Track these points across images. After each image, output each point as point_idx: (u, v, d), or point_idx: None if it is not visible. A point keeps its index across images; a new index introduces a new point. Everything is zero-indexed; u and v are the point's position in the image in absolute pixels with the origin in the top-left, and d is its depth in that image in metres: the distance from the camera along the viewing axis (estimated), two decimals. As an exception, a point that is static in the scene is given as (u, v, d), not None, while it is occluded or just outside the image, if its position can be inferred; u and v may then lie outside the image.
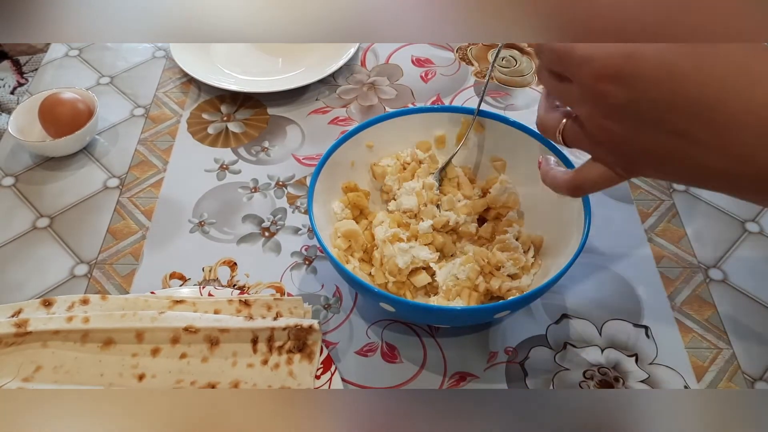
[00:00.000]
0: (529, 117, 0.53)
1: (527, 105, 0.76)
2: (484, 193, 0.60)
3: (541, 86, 0.45)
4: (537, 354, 0.54)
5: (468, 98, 0.76)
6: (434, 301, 0.53)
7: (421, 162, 0.60)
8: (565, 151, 0.54)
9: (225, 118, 0.75)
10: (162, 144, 0.72)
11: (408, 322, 0.56)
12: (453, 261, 0.54)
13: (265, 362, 0.50)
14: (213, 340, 0.51)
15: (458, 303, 0.51)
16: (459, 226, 0.57)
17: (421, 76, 0.79)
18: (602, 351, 0.54)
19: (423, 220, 0.55)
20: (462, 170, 0.60)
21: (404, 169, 0.60)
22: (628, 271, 0.60)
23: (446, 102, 0.76)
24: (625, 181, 0.43)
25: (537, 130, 0.45)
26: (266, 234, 0.62)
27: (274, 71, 0.80)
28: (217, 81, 0.77)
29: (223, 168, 0.69)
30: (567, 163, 0.54)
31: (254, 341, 0.51)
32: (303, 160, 0.69)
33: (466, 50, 0.81)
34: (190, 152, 0.71)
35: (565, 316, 0.56)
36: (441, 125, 0.60)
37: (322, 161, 0.55)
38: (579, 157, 0.71)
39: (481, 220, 0.59)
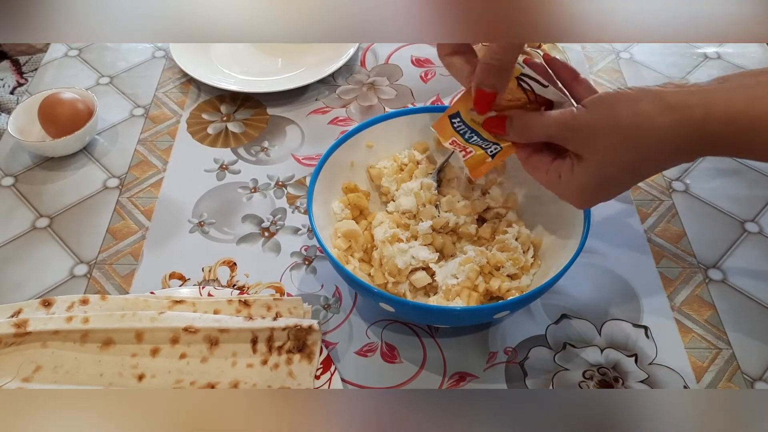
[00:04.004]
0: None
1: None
2: (483, 193, 0.60)
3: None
4: (536, 354, 0.54)
5: (468, 98, 0.76)
6: (434, 301, 0.53)
7: (418, 163, 0.60)
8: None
9: (225, 118, 0.75)
10: (162, 144, 0.72)
11: (408, 323, 0.56)
12: (452, 261, 0.54)
13: (264, 362, 0.50)
14: (212, 340, 0.51)
15: (458, 303, 0.51)
16: (458, 227, 0.57)
17: (421, 77, 0.79)
18: (602, 351, 0.54)
19: (422, 221, 0.55)
20: (461, 171, 0.60)
21: (402, 170, 0.60)
22: (627, 271, 0.60)
23: (446, 102, 0.76)
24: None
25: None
26: (266, 234, 0.62)
27: (273, 71, 0.80)
28: (217, 81, 0.77)
29: (223, 168, 0.69)
30: None
31: (254, 341, 0.51)
32: (303, 160, 0.69)
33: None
34: (189, 152, 0.71)
35: (564, 316, 0.56)
36: None
37: (322, 161, 0.55)
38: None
39: (481, 221, 0.59)
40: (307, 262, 0.60)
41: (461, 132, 0.50)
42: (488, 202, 0.58)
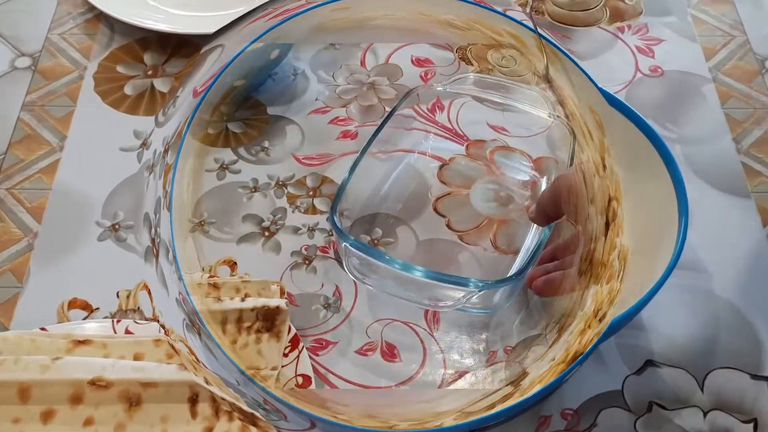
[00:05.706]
0: (594, 68, 0.54)
1: (593, 53, 0.79)
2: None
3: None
4: (609, 418, 0.54)
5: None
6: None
7: None
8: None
9: (150, 72, 0.75)
10: (57, 110, 0.72)
11: (408, 322, 0.61)
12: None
13: (209, 430, 0.50)
14: (132, 398, 0.51)
15: None
16: None
17: (421, 76, 0.88)
18: (705, 414, 0.54)
19: None
20: None
21: None
22: (743, 297, 0.60)
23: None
24: None
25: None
26: (266, 234, 0.67)
27: (217, 5, 0.81)
28: (139, 18, 0.77)
29: (224, 168, 0.73)
30: None
31: (193, 401, 0.51)
32: (303, 160, 0.75)
33: (466, 50, 0.93)
34: (98, 122, 0.72)
35: (649, 362, 0.57)
36: None
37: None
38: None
39: None
40: (307, 262, 0.65)
41: None
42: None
